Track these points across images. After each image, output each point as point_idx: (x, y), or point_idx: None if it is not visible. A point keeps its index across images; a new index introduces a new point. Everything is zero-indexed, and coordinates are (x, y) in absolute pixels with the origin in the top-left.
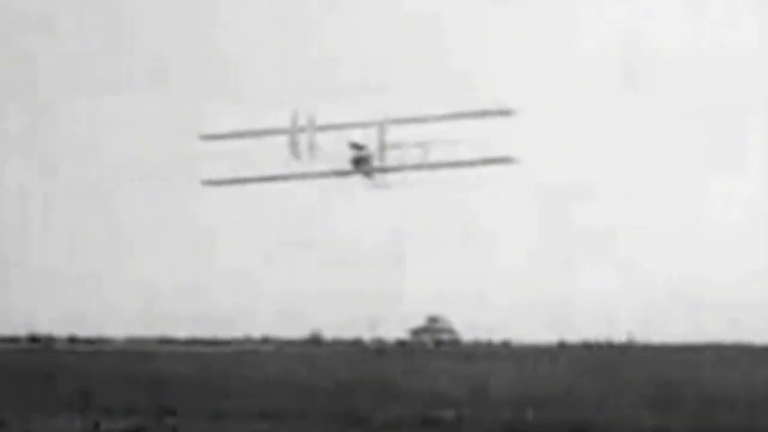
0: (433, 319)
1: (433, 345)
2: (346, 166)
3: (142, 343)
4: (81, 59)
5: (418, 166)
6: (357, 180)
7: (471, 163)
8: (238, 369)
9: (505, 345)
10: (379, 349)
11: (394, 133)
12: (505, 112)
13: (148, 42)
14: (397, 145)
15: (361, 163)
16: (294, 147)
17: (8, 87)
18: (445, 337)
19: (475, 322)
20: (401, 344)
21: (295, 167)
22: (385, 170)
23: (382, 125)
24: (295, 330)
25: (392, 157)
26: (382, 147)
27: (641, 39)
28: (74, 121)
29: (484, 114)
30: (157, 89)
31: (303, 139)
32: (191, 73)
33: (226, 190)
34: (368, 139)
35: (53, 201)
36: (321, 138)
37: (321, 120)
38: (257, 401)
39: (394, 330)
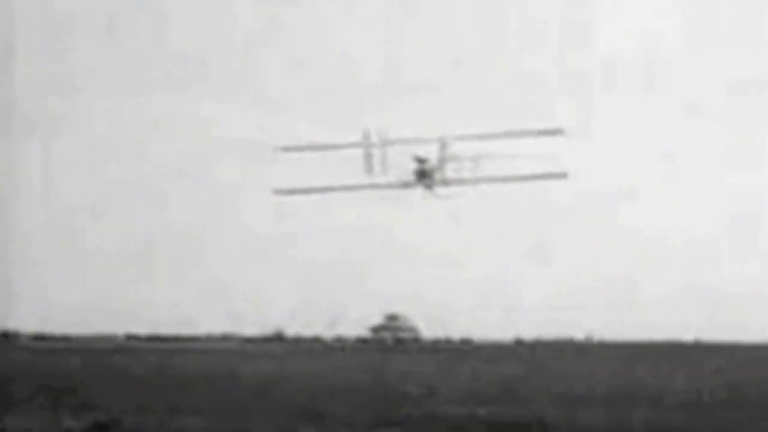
0: (392, 317)
1: (393, 342)
2: (409, 177)
3: (106, 340)
4: (127, 58)
5: (476, 180)
6: (419, 191)
7: (527, 178)
8: (199, 365)
9: (465, 342)
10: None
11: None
12: (556, 132)
13: (193, 42)
14: (455, 158)
15: (423, 175)
16: (368, 161)
17: (54, 84)
18: (405, 334)
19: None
20: (362, 341)
21: (363, 178)
22: (446, 182)
23: (443, 140)
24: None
25: (451, 170)
26: (443, 160)
27: (661, 40)
28: (120, 119)
29: (537, 133)
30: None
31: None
32: (234, 75)
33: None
34: (429, 152)
35: (99, 200)
36: (379, 150)
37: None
38: (217, 397)
39: (355, 327)
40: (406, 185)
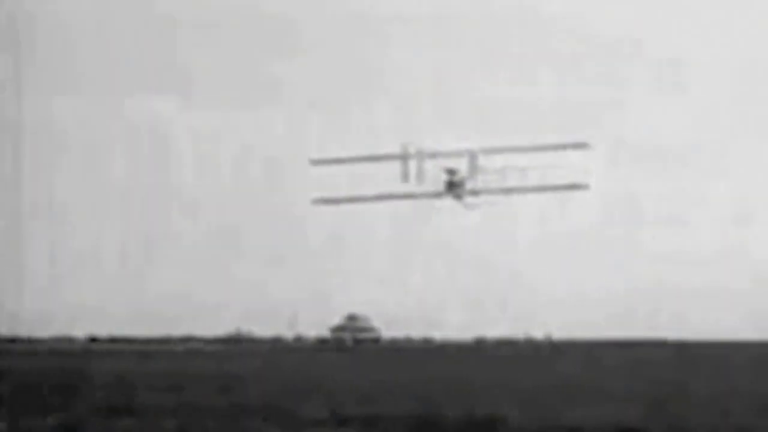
0: (352, 318)
1: (352, 342)
2: (440, 187)
3: (69, 342)
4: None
5: (503, 190)
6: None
7: (550, 188)
8: (160, 365)
9: (426, 342)
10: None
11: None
12: (580, 146)
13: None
14: (484, 170)
15: (453, 186)
16: (404, 173)
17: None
18: (364, 335)
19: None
20: (322, 342)
21: (396, 188)
22: (475, 193)
23: (472, 153)
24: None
25: (481, 181)
26: (473, 172)
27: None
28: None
29: (561, 147)
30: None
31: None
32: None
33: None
34: (458, 164)
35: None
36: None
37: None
38: (178, 397)
39: (315, 327)
40: (437, 195)
